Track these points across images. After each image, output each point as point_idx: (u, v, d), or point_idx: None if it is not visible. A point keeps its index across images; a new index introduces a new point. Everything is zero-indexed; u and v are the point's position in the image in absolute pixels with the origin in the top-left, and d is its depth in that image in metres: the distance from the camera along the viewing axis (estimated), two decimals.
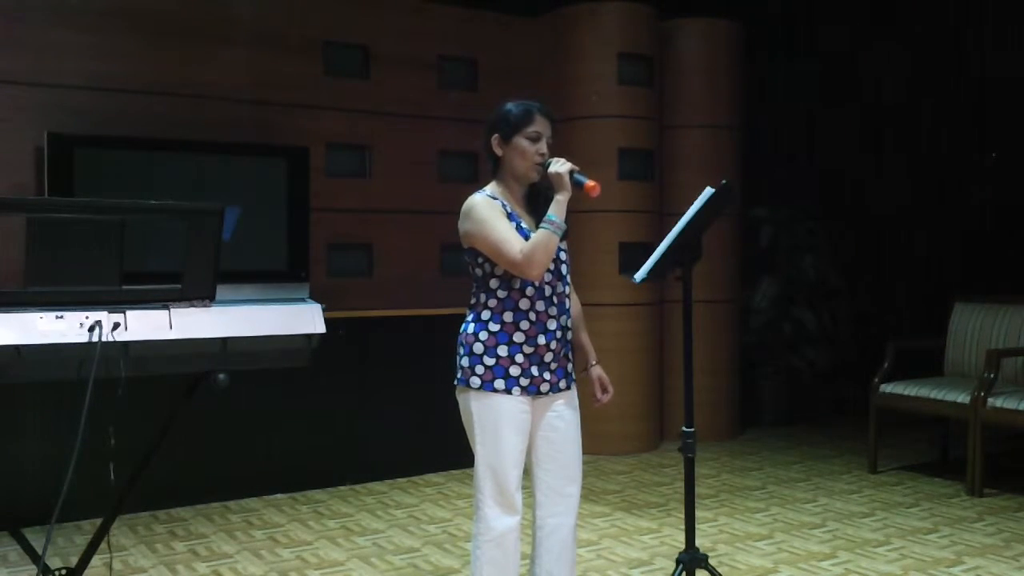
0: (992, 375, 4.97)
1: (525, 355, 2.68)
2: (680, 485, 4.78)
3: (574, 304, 2.90)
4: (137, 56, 4.97)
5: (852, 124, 7.95)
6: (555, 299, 2.72)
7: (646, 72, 6.22)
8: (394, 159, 5.76)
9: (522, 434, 2.71)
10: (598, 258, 5.97)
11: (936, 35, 7.42)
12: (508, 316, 2.68)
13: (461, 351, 2.74)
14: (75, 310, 2.34)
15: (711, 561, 3.13)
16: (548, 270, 2.68)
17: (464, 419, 2.76)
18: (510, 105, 2.72)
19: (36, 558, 2.70)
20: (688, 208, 2.87)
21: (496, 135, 2.71)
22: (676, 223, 2.89)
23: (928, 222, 7.66)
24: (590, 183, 2.59)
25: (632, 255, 5.80)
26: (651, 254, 2.91)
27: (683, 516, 3.13)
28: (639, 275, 2.92)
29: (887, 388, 5.43)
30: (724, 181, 2.95)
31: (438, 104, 5.92)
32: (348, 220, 5.60)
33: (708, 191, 2.87)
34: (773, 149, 7.54)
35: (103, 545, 2.84)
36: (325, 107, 5.53)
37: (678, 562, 3.05)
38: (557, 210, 2.59)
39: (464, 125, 5.78)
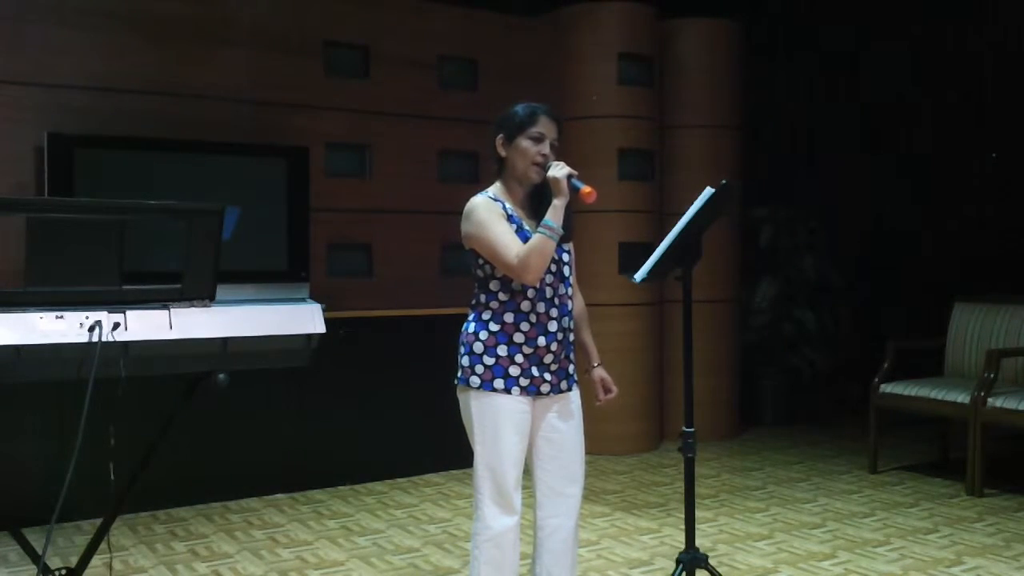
0: (992, 375, 4.97)
1: (525, 355, 2.69)
2: (680, 485, 4.78)
3: (578, 304, 2.90)
4: (137, 56, 4.96)
5: (852, 124, 7.94)
6: (556, 300, 2.72)
7: (646, 72, 6.22)
8: (394, 159, 5.76)
9: (521, 434, 2.71)
10: (598, 258, 5.97)
11: (936, 34, 7.42)
12: (509, 317, 2.69)
13: (462, 350, 2.74)
14: (75, 310, 2.34)
15: (711, 561, 3.13)
16: (549, 271, 2.69)
17: (464, 418, 2.76)
18: (517, 107, 2.74)
19: (36, 558, 2.69)
20: (688, 208, 2.88)
21: (501, 135, 2.73)
22: (676, 223, 2.89)
23: (928, 222, 7.66)
24: (586, 189, 2.59)
25: (632, 255, 5.79)
26: (651, 254, 2.91)
27: (683, 516, 3.13)
28: (639, 275, 2.92)
29: (887, 388, 5.43)
30: (724, 181, 2.95)
31: (438, 104, 5.91)
32: (348, 220, 5.60)
33: (708, 191, 2.87)
34: (773, 149, 7.54)
35: (103, 545, 2.83)
36: (325, 107, 5.53)
37: (678, 562, 3.05)
38: (554, 215, 2.59)
39: (464, 125, 5.79)
